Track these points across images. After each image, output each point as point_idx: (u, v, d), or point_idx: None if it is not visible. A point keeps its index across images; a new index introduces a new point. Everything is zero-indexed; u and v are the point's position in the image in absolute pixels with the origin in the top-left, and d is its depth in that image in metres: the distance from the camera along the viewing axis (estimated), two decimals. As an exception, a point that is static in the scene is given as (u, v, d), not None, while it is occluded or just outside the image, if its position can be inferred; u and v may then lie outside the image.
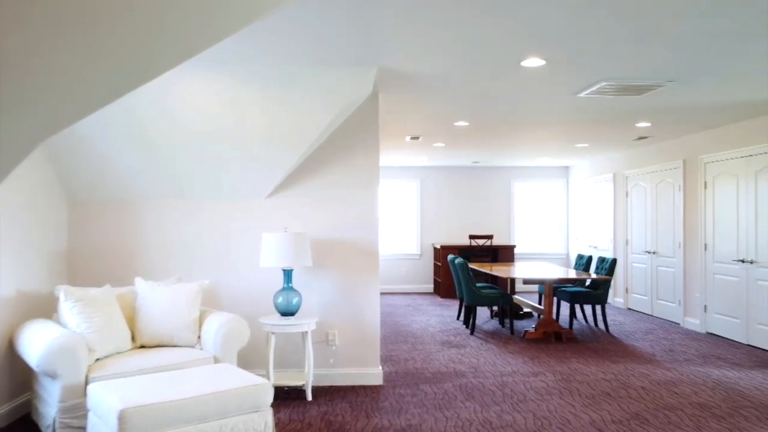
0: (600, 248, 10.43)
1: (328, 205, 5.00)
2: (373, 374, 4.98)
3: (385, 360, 5.86)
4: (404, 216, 11.78)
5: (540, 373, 5.38)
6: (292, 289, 4.60)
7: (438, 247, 11.12)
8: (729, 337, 6.90)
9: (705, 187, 7.38)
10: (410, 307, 9.63)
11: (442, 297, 10.79)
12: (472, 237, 10.81)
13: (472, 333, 7.26)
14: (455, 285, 8.06)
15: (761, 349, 6.35)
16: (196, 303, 4.26)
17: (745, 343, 6.61)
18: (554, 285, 7.91)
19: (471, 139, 7.98)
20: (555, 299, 8.36)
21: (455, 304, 9.93)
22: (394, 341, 6.83)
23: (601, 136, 7.83)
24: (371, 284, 5.01)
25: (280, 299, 4.55)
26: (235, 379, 3.36)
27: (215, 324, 4.09)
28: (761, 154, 6.37)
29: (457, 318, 8.38)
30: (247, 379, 3.37)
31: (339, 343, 4.97)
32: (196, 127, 4.37)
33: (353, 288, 4.99)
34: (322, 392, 4.77)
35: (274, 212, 4.97)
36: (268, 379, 4.48)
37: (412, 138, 7.86)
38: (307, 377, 4.59)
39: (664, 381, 5.11)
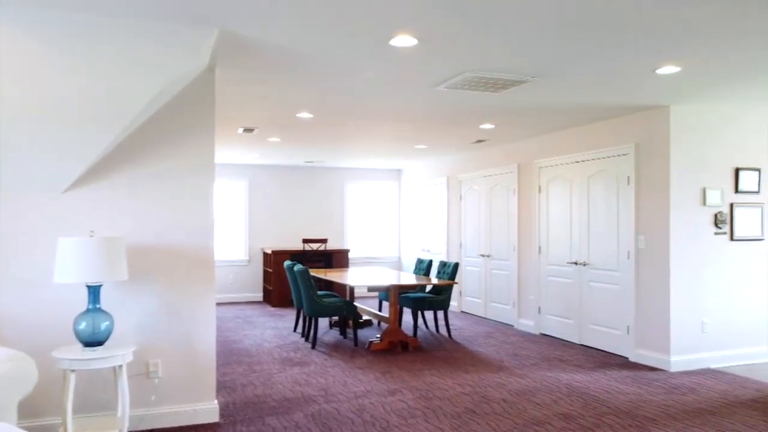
0: (433, 252, 10.40)
1: (151, 202, 4.00)
2: (206, 410, 4.08)
3: (218, 388, 4.95)
4: (230, 219, 10.73)
5: (396, 390, 4.89)
6: (99, 310, 3.55)
7: (269, 252, 10.27)
8: (563, 338, 7.08)
9: (539, 191, 7.55)
10: (240, 319, 8.68)
11: (274, 306, 9.95)
12: (305, 241, 10.14)
13: (313, 347, 6.59)
14: (292, 294, 7.34)
15: (594, 348, 6.55)
16: (-46, 337, 3.04)
17: (578, 343, 6.81)
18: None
19: (311, 134, 7.33)
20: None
21: (289, 313, 9.18)
22: (227, 362, 5.90)
23: (442, 137, 7.66)
24: (205, 299, 4.11)
25: (83, 325, 3.47)
26: (14, 449, 2.32)
27: (-16, 365, 2.93)
28: (594, 159, 6.60)
29: (294, 329, 7.65)
30: (33, 447, 2.35)
31: (163, 375, 3.99)
32: (-43, 91, 3.14)
33: (182, 305, 4.05)
34: (140, 440, 3.76)
35: (75, 211, 3.84)
36: None
37: (245, 130, 6.99)
38: (120, 423, 3.57)
39: (521, 390, 4.91)
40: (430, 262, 8.05)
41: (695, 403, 4.57)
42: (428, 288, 7.78)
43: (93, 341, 3.49)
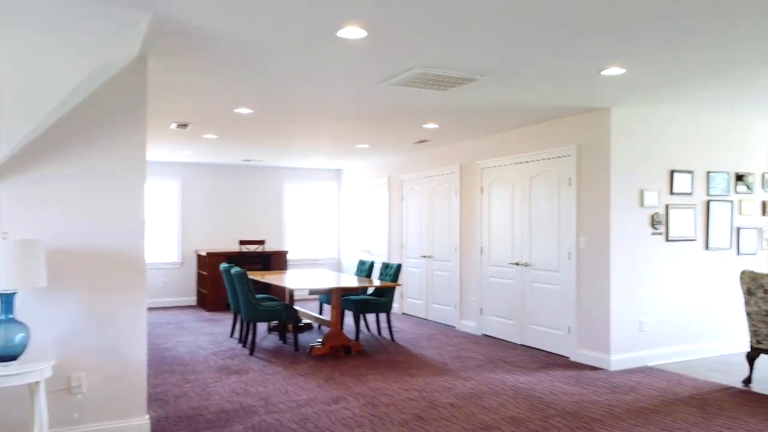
0: (374, 253, 10.26)
1: (75, 201, 3.65)
2: (136, 426, 3.77)
3: (149, 401, 4.62)
4: (162, 219, 10.22)
5: (341, 398, 4.70)
6: (13, 321, 3.19)
7: (203, 254, 9.85)
8: (504, 339, 7.08)
9: (482, 193, 7.54)
10: (172, 324, 8.25)
11: (208, 311, 9.54)
12: (242, 242, 9.79)
13: (252, 353, 6.30)
14: (229, 298, 7.02)
15: (535, 348, 6.58)
16: None
17: (520, 343, 6.83)
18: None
19: (250, 131, 7.03)
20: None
21: (225, 318, 8.81)
22: (158, 372, 5.55)
23: (385, 137, 7.53)
24: (135, 305, 3.79)
25: (-7, 337, 3.11)
26: None
27: None
28: (536, 160, 6.63)
29: (231, 335, 7.33)
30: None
31: (88, 390, 3.65)
32: None
33: (110, 312, 3.72)
34: (61, 462, 3.42)
35: (-15, 210, 3.45)
36: (-27, 457, 3.01)
37: (179, 125, 6.62)
38: (37, 445, 3.22)
39: (468, 394, 4.83)
40: (372, 263, 7.91)
41: (637, 402, 4.62)
42: (370, 290, 7.63)
43: (5, 356, 3.13)
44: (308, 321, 7.91)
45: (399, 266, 7.30)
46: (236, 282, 6.41)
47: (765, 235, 6.67)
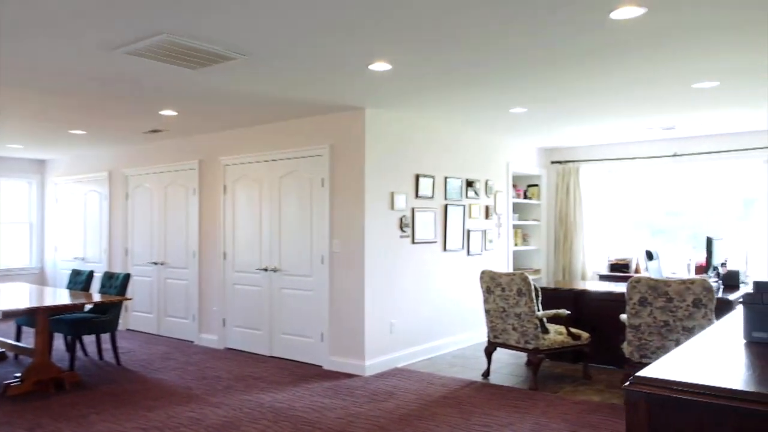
0: (90, 260, 8.71)
1: None
2: None
3: None
4: None
5: (55, 453, 3.62)
6: None
7: None
8: (252, 351, 6.51)
9: (225, 192, 6.85)
10: None
11: None
12: None
13: None
14: None
15: (286, 359, 6.16)
16: None
17: (269, 355, 6.34)
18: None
19: None
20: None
21: None
22: None
23: (109, 122, 6.32)
24: None
25: None
26: None
27: None
28: (286, 159, 6.22)
29: None
30: None
31: None
32: None
33: None
34: None
35: None
36: None
37: None
38: None
39: (221, 424, 4.15)
40: (91, 273, 6.59)
41: (398, 409, 4.50)
42: (88, 306, 6.32)
43: None
44: (1, 350, 6.24)
45: (127, 276, 6.18)
46: None
47: (488, 236, 7.33)
